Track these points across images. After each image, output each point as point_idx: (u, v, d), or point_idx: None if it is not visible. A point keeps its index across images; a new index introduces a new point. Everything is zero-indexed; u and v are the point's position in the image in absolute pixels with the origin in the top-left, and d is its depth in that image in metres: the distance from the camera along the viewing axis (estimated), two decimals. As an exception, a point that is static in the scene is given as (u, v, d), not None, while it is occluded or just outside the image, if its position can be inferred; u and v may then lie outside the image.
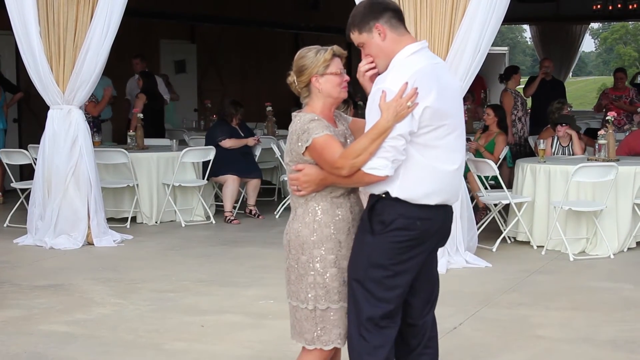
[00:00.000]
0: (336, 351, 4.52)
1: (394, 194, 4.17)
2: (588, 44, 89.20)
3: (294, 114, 4.38)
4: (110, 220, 11.16)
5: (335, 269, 4.29)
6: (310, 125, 4.21)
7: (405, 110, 4.04)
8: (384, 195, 4.20)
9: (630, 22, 62.80)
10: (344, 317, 4.36)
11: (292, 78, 4.40)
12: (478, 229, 9.75)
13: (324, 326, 4.33)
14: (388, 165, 4.09)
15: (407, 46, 4.21)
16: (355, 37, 4.27)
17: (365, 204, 4.35)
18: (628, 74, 22.96)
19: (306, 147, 4.20)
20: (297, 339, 4.42)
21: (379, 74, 4.25)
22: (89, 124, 10.88)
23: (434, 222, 4.29)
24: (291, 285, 4.36)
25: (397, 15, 4.25)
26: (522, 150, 13.35)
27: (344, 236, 4.31)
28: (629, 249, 9.95)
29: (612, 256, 9.62)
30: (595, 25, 63.93)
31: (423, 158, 4.16)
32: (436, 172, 4.20)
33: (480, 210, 11.15)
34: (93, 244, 10.31)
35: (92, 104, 13.05)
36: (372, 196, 4.26)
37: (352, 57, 5.22)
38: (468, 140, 11.85)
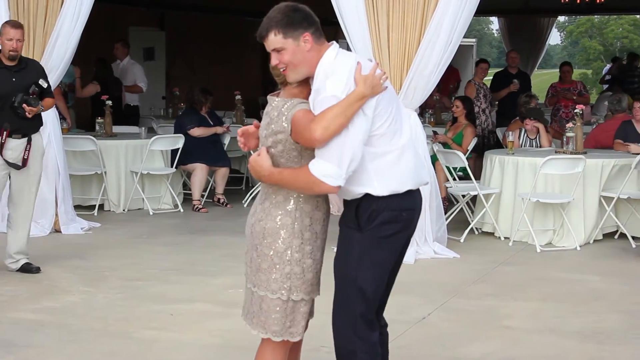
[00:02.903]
0: (297, 342, 4.47)
1: (377, 193, 4.16)
2: (554, 37, 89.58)
3: (273, 97, 4.28)
4: (77, 207, 11.11)
5: (311, 260, 4.25)
6: (297, 106, 4.13)
7: (379, 85, 4.04)
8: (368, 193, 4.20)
9: (595, 16, 63.16)
10: (310, 310, 4.35)
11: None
12: (446, 220, 9.78)
13: (293, 317, 4.26)
14: (342, 176, 4.04)
15: (327, 51, 4.17)
16: (278, 40, 4.12)
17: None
18: (593, 67, 23.08)
19: (290, 121, 4.10)
20: (260, 330, 4.30)
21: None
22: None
23: (416, 211, 4.33)
24: (261, 274, 4.23)
25: (319, 27, 4.21)
26: (486, 143, 13.39)
27: (319, 227, 4.26)
28: (595, 240, 10.03)
29: (578, 248, 9.70)
30: (561, 18, 64.19)
31: (388, 147, 4.16)
32: (401, 152, 4.20)
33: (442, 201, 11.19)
34: (60, 232, 10.26)
35: (58, 90, 12.93)
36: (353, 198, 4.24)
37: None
38: (435, 133, 11.92)
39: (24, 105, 8.15)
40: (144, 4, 19.00)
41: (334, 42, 4.25)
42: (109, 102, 12.40)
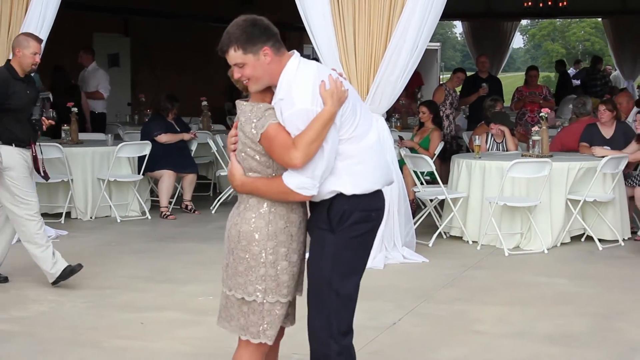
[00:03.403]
0: (274, 348, 4.52)
1: (349, 192, 4.24)
2: (517, 41, 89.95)
3: (242, 102, 4.33)
4: (44, 215, 10.91)
5: (286, 262, 4.27)
6: (266, 113, 4.20)
7: (344, 95, 4.15)
8: (339, 193, 4.26)
9: (558, 20, 63.64)
10: (288, 311, 4.39)
11: None
12: (414, 225, 9.80)
13: (270, 320, 4.28)
14: (316, 186, 4.17)
15: (289, 62, 4.24)
16: (238, 55, 4.19)
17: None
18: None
19: (261, 134, 4.17)
20: (240, 332, 4.34)
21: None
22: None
23: (382, 211, 4.43)
24: (238, 277, 4.27)
25: (279, 38, 4.27)
26: (448, 148, 13.42)
27: (295, 229, 4.30)
28: (562, 244, 10.08)
29: (546, 251, 9.76)
30: (524, 22, 64.56)
31: (356, 147, 4.25)
32: (369, 152, 4.30)
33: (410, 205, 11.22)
34: (27, 240, 10.16)
35: None
36: (323, 200, 4.29)
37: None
38: (401, 139, 11.95)
39: (43, 117, 8.12)
40: (108, 10, 18.90)
41: (295, 51, 4.32)
42: (75, 109, 12.35)
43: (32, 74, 8.26)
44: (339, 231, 4.27)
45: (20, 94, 8.00)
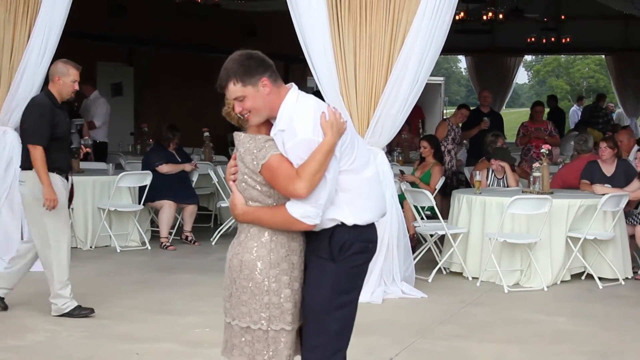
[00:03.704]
0: None
1: (349, 222, 4.32)
2: (521, 76, 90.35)
3: (240, 134, 4.38)
4: (43, 244, 10.98)
5: (289, 290, 4.31)
6: (266, 144, 4.26)
7: (343, 127, 4.24)
8: (340, 223, 4.31)
9: (562, 56, 63.84)
10: (294, 339, 4.38)
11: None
12: (414, 260, 9.78)
13: (275, 348, 4.31)
14: (319, 215, 4.23)
15: (288, 94, 4.33)
16: (237, 89, 4.27)
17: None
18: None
19: (262, 165, 4.22)
20: None
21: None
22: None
23: (376, 243, 4.51)
24: (242, 306, 4.30)
25: (274, 70, 4.35)
26: (449, 183, 13.40)
27: (296, 257, 4.34)
28: (562, 281, 10.04)
29: (545, 288, 9.72)
30: (528, 57, 64.72)
31: (356, 179, 4.33)
32: (367, 185, 4.39)
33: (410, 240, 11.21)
34: (26, 269, 10.14)
35: None
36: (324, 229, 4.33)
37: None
38: (402, 173, 11.95)
39: (82, 145, 8.12)
40: (112, 39, 18.97)
41: (292, 84, 4.39)
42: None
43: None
44: (339, 260, 4.32)
45: (62, 122, 8.01)
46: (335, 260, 4.31)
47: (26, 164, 7.95)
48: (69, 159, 8.14)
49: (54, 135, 7.89)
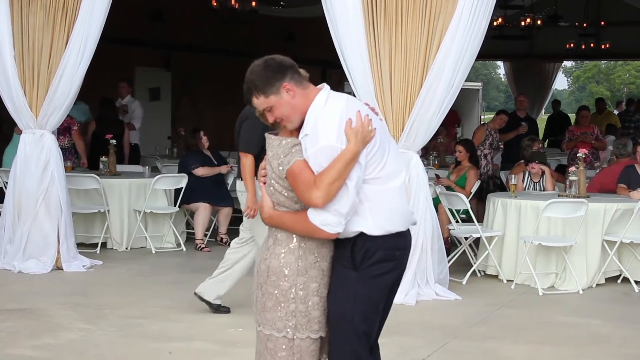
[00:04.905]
0: None
1: (371, 232, 4.19)
2: (561, 82, 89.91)
3: (271, 136, 4.28)
4: (80, 245, 11.09)
5: (317, 298, 4.21)
6: (293, 149, 4.16)
7: (369, 135, 4.08)
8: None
9: (602, 62, 63.45)
10: (319, 347, 4.30)
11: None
12: (448, 262, 9.76)
13: (300, 356, 4.22)
14: (341, 223, 4.10)
15: (317, 96, 4.19)
16: (261, 101, 4.17)
17: None
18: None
19: (287, 170, 4.13)
20: None
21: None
22: (67, 150, 10.93)
23: (408, 249, 4.37)
24: (267, 313, 4.21)
25: (296, 69, 4.22)
26: (485, 187, 13.34)
27: (326, 264, 4.24)
28: (597, 284, 9.98)
29: (580, 291, 9.66)
30: (568, 63, 64.48)
31: (382, 189, 4.20)
32: (395, 194, 4.26)
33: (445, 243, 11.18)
34: (62, 269, 10.24)
35: (77, 131, 13.04)
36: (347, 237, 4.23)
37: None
38: (437, 177, 11.93)
39: None
40: (151, 45, 19.12)
41: (324, 84, 4.26)
42: (113, 142, 12.44)
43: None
44: (361, 269, 4.21)
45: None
46: (357, 269, 4.21)
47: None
48: None
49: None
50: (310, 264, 4.20)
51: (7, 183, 10.76)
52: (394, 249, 4.27)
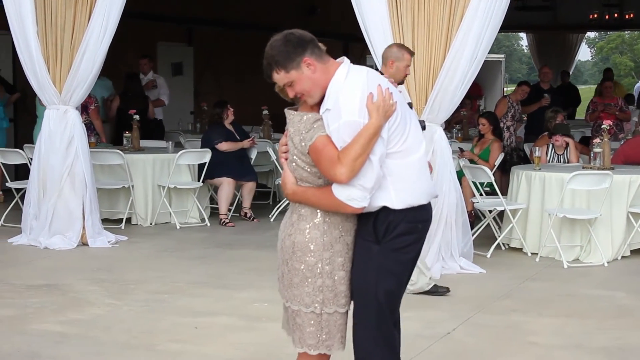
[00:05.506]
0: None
1: (394, 206, 4.19)
2: (584, 53, 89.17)
3: (291, 112, 4.28)
4: (105, 221, 11.14)
5: (343, 272, 4.23)
6: (314, 125, 4.15)
7: (391, 109, 4.09)
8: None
9: (626, 32, 62.91)
10: (346, 321, 4.33)
11: None
12: (472, 235, 9.74)
13: (329, 330, 4.24)
14: (366, 198, 4.10)
15: (337, 71, 4.18)
16: (282, 76, 4.17)
17: None
18: (624, 84, 22.97)
19: (309, 146, 4.13)
20: (297, 345, 4.30)
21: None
22: (87, 128, 10.97)
23: (429, 222, 4.39)
24: (294, 289, 4.23)
25: (316, 43, 4.21)
26: (509, 160, 13.29)
27: (350, 238, 4.25)
28: (623, 257, 9.96)
29: (606, 264, 9.63)
30: (591, 34, 63.96)
31: (403, 162, 4.20)
32: (416, 167, 4.26)
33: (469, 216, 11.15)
34: (87, 245, 10.30)
35: (95, 110, 13.07)
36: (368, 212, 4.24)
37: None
38: (461, 150, 11.89)
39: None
40: (173, 20, 19.11)
41: (344, 58, 4.25)
42: (137, 117, 12.46)
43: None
44: (384, 243, 4.22)
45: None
46: (379, 242, 4.22)
47: None
48: None
49: None
50: (335, 238, 4.21)
51: (31, 159, 10.81)
52: (415, 222, 4.28)
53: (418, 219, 4.29)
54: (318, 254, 4.19)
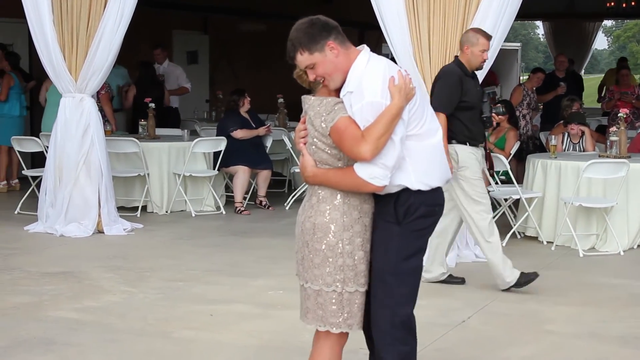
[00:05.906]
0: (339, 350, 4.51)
1: (414, 187, 4.31)
2: (601, 42, 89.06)
3: (310, 97, 4.36)
4: (120, 209, 11.17)
5: (362, 252, 4.32)
6: (335, 107, 4.25)
7: (411, 92, 4.20)
8: (405, 188, 4.31)
9: (643, 21, 62.66)
10: (364, 300, 4.39)
11: None
12: (488, 224, 9.71)
13: (350, 309, 4.32)
14: (387, 176, 4.21)
15: (358, 57, 4.28)
16: (305, 58, 4.26)
17: None
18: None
19: (331, 127, 4.22)
20: (319, 324, 4.35)
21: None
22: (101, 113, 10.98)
23: (443, 206, 4.51)
24: (315, 269, 4.31)
25: (340, 30, 4.31)
26: (525, 148, 13.26)
27: (368, 219, 4.35)
28: (638, 246, 9.92)
29: (622, 253, 9.60)
30: (608, 23, 63.72)
31: (422, 145, 4.31)
32: (433, 150, 4.38)
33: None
34: (103, 232, 10.33)
35: (106, 95, 13.05)
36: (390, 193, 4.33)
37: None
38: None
39: (493, 114, 8.08)
40: (188, 8, 19.12)
41: (364, 46, 4.36)
42: (152, 105, 12.48)
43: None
44: (404, 224, 4.32)
45: (472, 91, 7.94)
46: (400, 223, 4.32)
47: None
48: (481, 128, 8.12)
49: (464, 105, 7.85)
50: (355, 219, 4.31)
51: (47, 147, 10.84)
52: (434, 205, 4.42)
53: (437, 201, 4.43)
54: (339, 234, 4.28)
